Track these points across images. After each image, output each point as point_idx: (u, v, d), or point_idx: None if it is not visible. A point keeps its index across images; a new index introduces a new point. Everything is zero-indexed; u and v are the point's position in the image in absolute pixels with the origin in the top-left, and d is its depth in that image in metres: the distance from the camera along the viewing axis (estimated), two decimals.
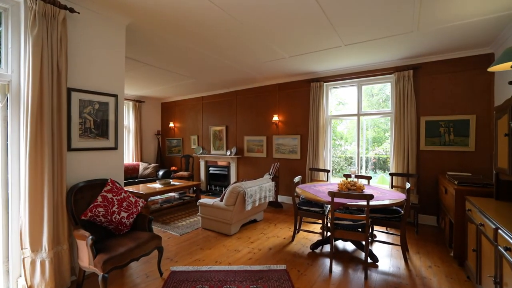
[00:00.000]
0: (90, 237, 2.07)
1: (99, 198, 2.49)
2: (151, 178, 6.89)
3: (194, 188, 6.40)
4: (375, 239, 3.55)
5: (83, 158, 2.63)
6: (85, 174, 2.64)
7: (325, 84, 5.25)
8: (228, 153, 6.66)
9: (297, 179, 3.61)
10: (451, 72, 4.03)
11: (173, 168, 7.61)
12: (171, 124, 8.02)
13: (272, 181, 5.03)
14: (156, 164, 7.24)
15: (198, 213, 4.11)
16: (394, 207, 3.04)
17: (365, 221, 2.60)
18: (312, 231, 3.59)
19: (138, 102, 7.55)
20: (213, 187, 7.16)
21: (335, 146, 6.81)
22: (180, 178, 6.88)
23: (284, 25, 3.09)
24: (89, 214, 2.37)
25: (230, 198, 3.65)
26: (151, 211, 4.85)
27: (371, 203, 2.59)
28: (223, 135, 6.89)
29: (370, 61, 4.46)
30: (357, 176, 4.05)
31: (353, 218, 2.61)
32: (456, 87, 4.01)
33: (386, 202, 2.74)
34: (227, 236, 3.71)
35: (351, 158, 6.55)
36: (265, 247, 3.34)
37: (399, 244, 3.01)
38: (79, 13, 2.47)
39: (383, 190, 3.36)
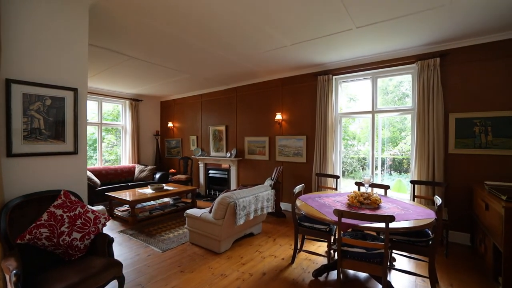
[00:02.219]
0: (14, 271, 1.57)
1: (44, 216, 2.01)
2: (147, 181, 6.46)
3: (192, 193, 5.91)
4: (394, 263, 2.90)
5: (31, 166, 2.15)
6: (34, 185, 2.16)
7: (334, 77, 4.60)
8: (228, 155, 6.13)
9: (298, 188, 3.01)
10: (489, 59, 3.30)
11: (172, 170, 7.17)
12: (170, 124, 7.58)
13: (274, 187, 4.46)
14: (153, 167, 6.81)
15: (185, 226, 3.59)
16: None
17: (383, 250, 1.98)
18: (316, 253, 2.98)
19: (135, 101, 7.15)
20: (212, 192, 6.65)
21: (348, 147, 6.23)
22: (177, 182, 6.42)
23: (283, 3, 2.51)
24: (28, 236, 1.89)
25: (219, 210, 3.10)
26: (139, 220, 4.38)
27: (392, 225, 1.96)
28: (223, 135, 6.36)
29: (387, 49, 3.78)
30: (372, 185, 3.40)
31: (366, 245, 1.99)
32: (494, 77, 3.28)
33: (411, 223, 2.10)
34: (215, 254, 3.16)
35: (364, 159, 5.93)
36: (258, 271, 2.76)
37: (427, 275, 2.35)
38: None
39: (405, 204, 2.71)
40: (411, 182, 3.63)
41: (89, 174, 5.49)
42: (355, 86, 4.93)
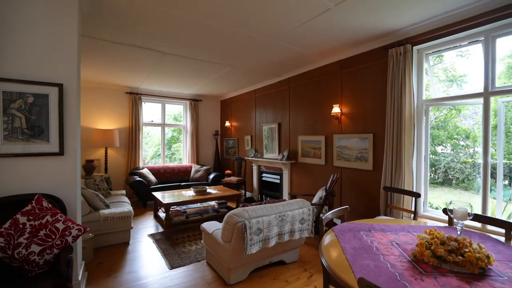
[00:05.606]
0: None
1: (7, 224, 1.83)
2: (201, 182, 6.41)
3: (245, 197, 5.44)
4: None
5: (12, 167, 2.04)
6: (15, 187, 2.05)
7: (415, 48, 3.14)
8: (280, 158, 5.32)
9: (331, 214, 1.97)
10: None
11: (228, 171, 6.91)
12: (227, 123, 7.38)
13: (326, 200, 3.44)
14: (208, 167, 6.73)
15: (201, 240, 3.07)
16: None
17: None
18: None
19: (195, 101, 7.28)
20: (264, 198, 5.98)
21: (457, 148, 4.51)
22: (228, 184, 6.07)
23: None
24: None
25: (226, 231, 2.40)
26: (173, 224, 4.17)
27: None
28: (275, 134, 5.61)
29: None
30: (478, 219, 1.95)
31: None
32: None
33: None
34: (224, 285, 2.48)
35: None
36: None
37: None
38: None
39: None
40: None
41: (147, 172, 5.79)
42: (453, 57, 3.26)
